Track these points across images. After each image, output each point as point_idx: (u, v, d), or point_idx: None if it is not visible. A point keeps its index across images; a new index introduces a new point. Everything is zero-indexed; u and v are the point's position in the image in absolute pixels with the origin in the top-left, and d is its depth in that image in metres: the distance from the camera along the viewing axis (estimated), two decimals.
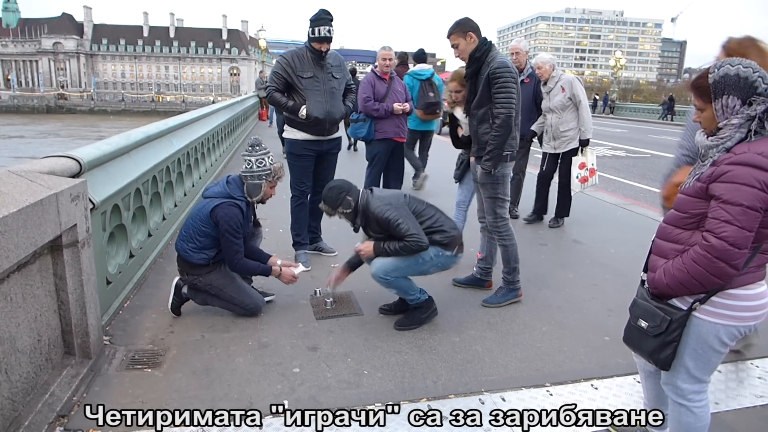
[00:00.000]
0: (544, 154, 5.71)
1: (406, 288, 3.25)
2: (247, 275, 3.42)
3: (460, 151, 4.27)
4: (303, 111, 3.98)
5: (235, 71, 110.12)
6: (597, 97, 41.21)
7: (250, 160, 3.28)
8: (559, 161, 5.65)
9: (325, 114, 4.05)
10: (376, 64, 5.63)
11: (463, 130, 3.89)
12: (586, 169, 5.57)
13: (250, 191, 3.28)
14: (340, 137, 4.43)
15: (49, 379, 2.42)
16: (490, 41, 3.39)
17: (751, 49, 3.04)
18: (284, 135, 4.32)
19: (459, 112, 3.84)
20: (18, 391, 2.17)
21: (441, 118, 7.52)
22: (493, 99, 3.32)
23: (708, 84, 1.70)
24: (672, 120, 30.57)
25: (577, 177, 5.56)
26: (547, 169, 5.77)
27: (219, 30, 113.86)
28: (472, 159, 3.74)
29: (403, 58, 7.78)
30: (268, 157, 3.30)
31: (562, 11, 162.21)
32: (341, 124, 4.47)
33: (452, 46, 3.40)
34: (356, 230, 3.30)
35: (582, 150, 5.49)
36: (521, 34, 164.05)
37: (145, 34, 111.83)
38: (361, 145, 11.16)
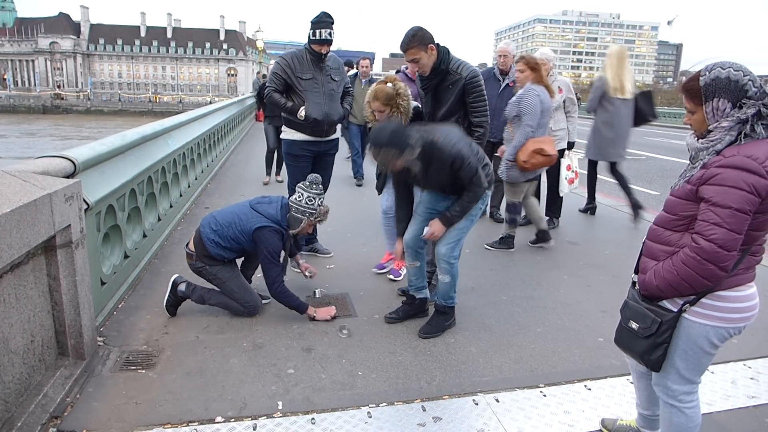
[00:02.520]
0: None
1: (456, 281, 3.20)
2: (283, 303, 3.35)
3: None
4: (302, 112, 4.00)
5: (232, 72, 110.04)
6: (579, 97, 41.58)
7: (302, 194, 3.32)
8: None
9: (323, 116, 4.06)
10: (406, 65, 5.60)
11: None
12: (572, 171, 5.62)
13: (291, 222, 3.32)
14: (338, 138, 4.44)
15: (42, 380, 2.42)
16: (446, 47, 3.31)
17: (541, 64, 4.73)
18: (282, 136, 4.33)
19: None
20: (11, 392, 2.16)
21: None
22: (473, 108, 3.33)
23: (699, 87, 1.71)
24: None
25: (566, 178, 5.59)
26: None
27: (216, 30, 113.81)
28: None
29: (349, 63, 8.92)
30: (320, 198, 3.36)
31: (559, 13, 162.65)
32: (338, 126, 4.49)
33: (412, 60, 3.24)
34: (415, 181, 3.03)
35: (568, 152, 5.54)
36: (518, 36, 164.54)
37: (143, 34, 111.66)
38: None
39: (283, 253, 3.46)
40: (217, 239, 3.28)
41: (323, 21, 3.95)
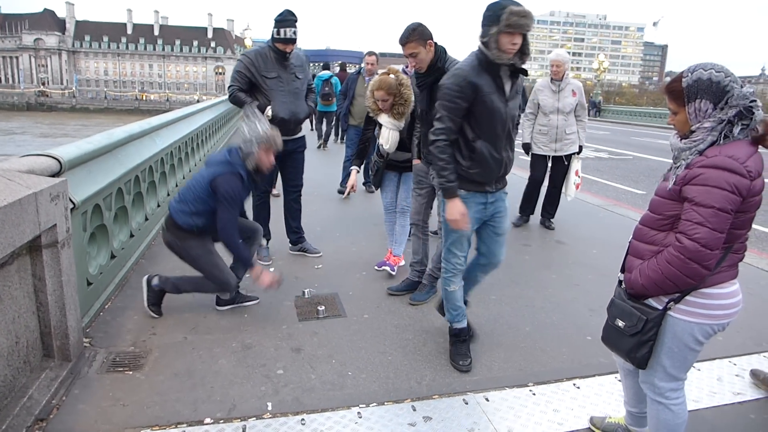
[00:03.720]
0: (540, 156, 5.61)
1: None
2: (229, 249, 3.17)
3: (373, 158, 4.11)
4: (269, 111, 3.94)
5: (220, 70, 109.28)
6: (599, 102, 41.80)
7: (243, 127, 3.19)
8: (550, 164, 5.62)
9: (290, 114, 4.04)
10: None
11: (385, 139, 3.75)
12: (578, 176, 5.65)
13: (246, 158, 3.17)
14: (304, 136, 4.38)
15: (27, 382, 2.38)
16: (443, 46, 3.27)
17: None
18: None
19: (384, 118, 3.72)
20: None
21: (335, 102, 9.39)
22: None
23: (681, 88, 1.74)
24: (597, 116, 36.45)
25: (574, 183, 5.58)
26: (542, 171, 5.70)
27: (204, 28, 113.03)
28: (417, 162, 3.64)
29: (343, 66, 9.03)
30: (261, 124, 3.20)
31: (546, 14, 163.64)
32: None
33: (410, 54, 3.21)
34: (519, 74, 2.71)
35: (576, 156, 5.55)
36: None
37: (129, 31, 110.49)
38: (331, 143, 11.19)
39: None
40: (182, 207, 3.16)
41: (287, 20, 3.91)
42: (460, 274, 2.93)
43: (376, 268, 4.27)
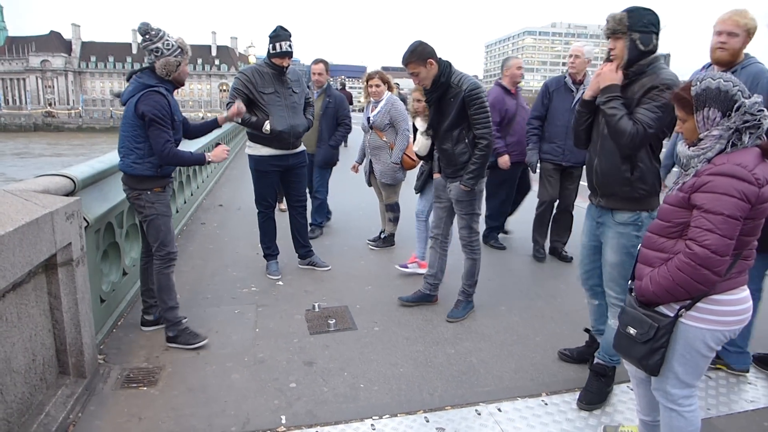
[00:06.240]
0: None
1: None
2: (178, 164, 3.11)
3: (420, 162, 4.32)
4: (267, 126, 4.00)
5: (224, 87, 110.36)
6: None
7: (158, 47, 2.95)
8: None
9: (288, 128, 4.08)
10: (501, 77, 5.01)
11: (416, 145, 3.94)
12: None
13: (169, 70, 2.99)
14: (304, 151, 4.42)
15: (44, 399, 2.41)
16: (448, 61, 3.33)
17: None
18: (248, 152, 4.30)
19: (419, 121, 3.83)
20: (13, 412, 2.15)
21: None
22: (474, 120, 3.31)
23: (690, 96, 1.78)
24: None
25: None
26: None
27: (208, 47, 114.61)
28: (437, 176, 3.67)
29: (343, 84, 7.87)
30: (170, 36, 3.02)
31: (548, 26, 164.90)
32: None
33: (411, 74, 3.31)
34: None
35: None
36: (508, 48, 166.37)
37: (134, 51, 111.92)
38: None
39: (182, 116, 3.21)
40: (129, 159, 3.00)
41: (281, 34, 3.99)
42: (614, 308, 2.60)
43: (397, 266, 4.49)
